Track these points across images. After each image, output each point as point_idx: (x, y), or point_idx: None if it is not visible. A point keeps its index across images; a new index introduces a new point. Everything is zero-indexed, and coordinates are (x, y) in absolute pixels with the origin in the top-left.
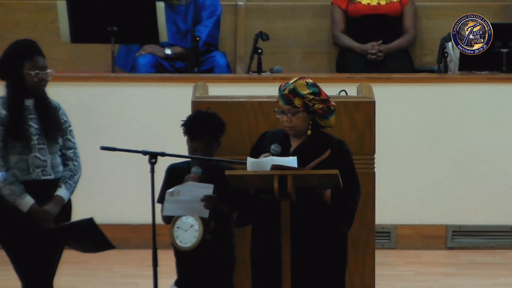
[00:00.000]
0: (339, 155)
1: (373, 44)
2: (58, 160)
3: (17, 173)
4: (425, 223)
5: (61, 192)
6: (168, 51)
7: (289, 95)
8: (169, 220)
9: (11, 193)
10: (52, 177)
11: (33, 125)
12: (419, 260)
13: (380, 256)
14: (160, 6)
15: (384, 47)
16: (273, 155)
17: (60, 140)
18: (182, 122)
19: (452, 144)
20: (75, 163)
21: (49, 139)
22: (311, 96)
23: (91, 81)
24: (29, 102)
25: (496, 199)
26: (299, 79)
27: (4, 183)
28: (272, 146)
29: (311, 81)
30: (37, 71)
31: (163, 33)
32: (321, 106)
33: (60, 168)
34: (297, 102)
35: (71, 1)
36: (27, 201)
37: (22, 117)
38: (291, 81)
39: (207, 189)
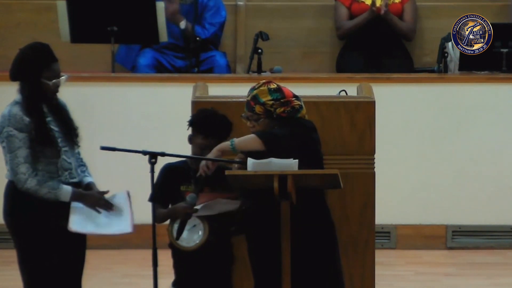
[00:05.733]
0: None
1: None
2: (77, 162)
3: (47, 175)
4: (425, 223)
5: (90, 179)
6: (183, 26)
7: (250, 102)
8: (162, 220)
9: (49, 189)
10: (76, 180)
11: (54, 128)
12: (419, 260)
13: (380, 256)
14: (160, 6)
15: (386, 3)
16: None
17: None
18: (192, 119)
19: (452, 144)
20: (83, 159)
21: (70, 141)
22: (271, 102)
23: (91, 81)
24: (44, 105)
25: (496, 199)
26: (264, 84)
27: (39, 184)
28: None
29: (274, 86)
30: (54, 81)
31: (163, 33)
32: (282, 109)
33: (79, 170)
34: (258, 109)
35: (71, 1)
36: (67, 190)
37: (46, 122)
38: (256, 86)
39: (235, 201)
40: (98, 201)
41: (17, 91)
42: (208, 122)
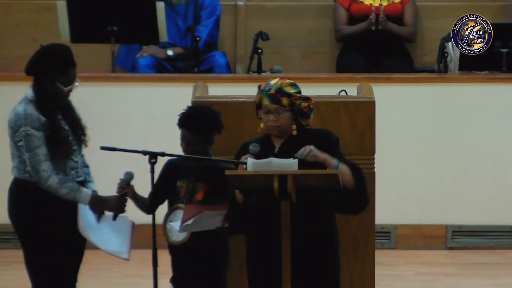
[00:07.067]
0: (328, 145)
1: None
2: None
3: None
4: (425, 223)
5: (94, 186)
6: (170, 52)
7: (276, 95)
8: (147, 210)
9: (69, 190)
10: (82, 178)
11: (64, 127)
12: (419, 260)
13: (380, 256)
14: (160, 6)
15: (384, 18)
16: (253, 154)
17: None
18: None
19: (452, 144)
20: (85, 157)
21: (79, 140)
22: (298, 95)
23: (91, 81)
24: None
25: (496, 199)
26: (281, 79)
27: (60, 184)
28: (250, 146)
29: (292, 81)
30: (69, 87)
31: (163, 33)
32: (306, 104)
33: (84, 169)
34: (284, 101)
35: (71, 1)
36: (86, 193)
37: (60, 122)
38: (273, 81)
39: (220, 216)
40: (116, 208)
41: (29, 87)
42: (180, 115)
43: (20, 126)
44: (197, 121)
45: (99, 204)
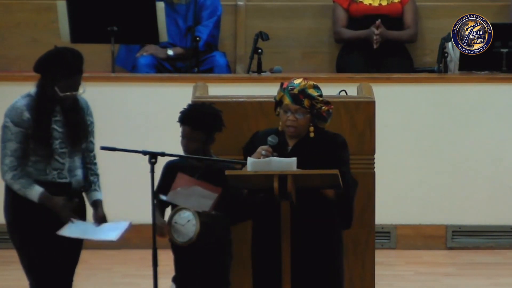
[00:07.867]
0: (332, 147)
1: (374, 28)
2: (77, 163)
3: (34, 171)
4: (425, 223)
5: (99, 195)
6: (170, 52)
7: (299, 95)
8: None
9: (20, 186)
10: (67, 180)
11: (57, 128)
12: (419, 260)
13: (380, 256)
14: (160, 6)
15: (383, 32)
16: (271, 146)
17: (83, 145)
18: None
19: (452, 144)
20: (97, 166)
21: (72, 144)
22: (320, 98)
23: (91, 81)
24: (57, 105)
25: (496, 199)
26: (305, 79)
27: (13, 180)
28: (269, 138)
29: (315, 83)
30: (67, 93)
31: (163, 33)
32: (326, 108)
33: (78, 171)
34: (306, 103)
35: (71, 1)
36: (36, 190)
37: (47, 123)
38: (296, 81)
39: (210, 199)
40: (62, 209)
41: (34, 84)
42: (181, 111)
43: (5, 116)
44: (198, 118)
45: (46, 203)
